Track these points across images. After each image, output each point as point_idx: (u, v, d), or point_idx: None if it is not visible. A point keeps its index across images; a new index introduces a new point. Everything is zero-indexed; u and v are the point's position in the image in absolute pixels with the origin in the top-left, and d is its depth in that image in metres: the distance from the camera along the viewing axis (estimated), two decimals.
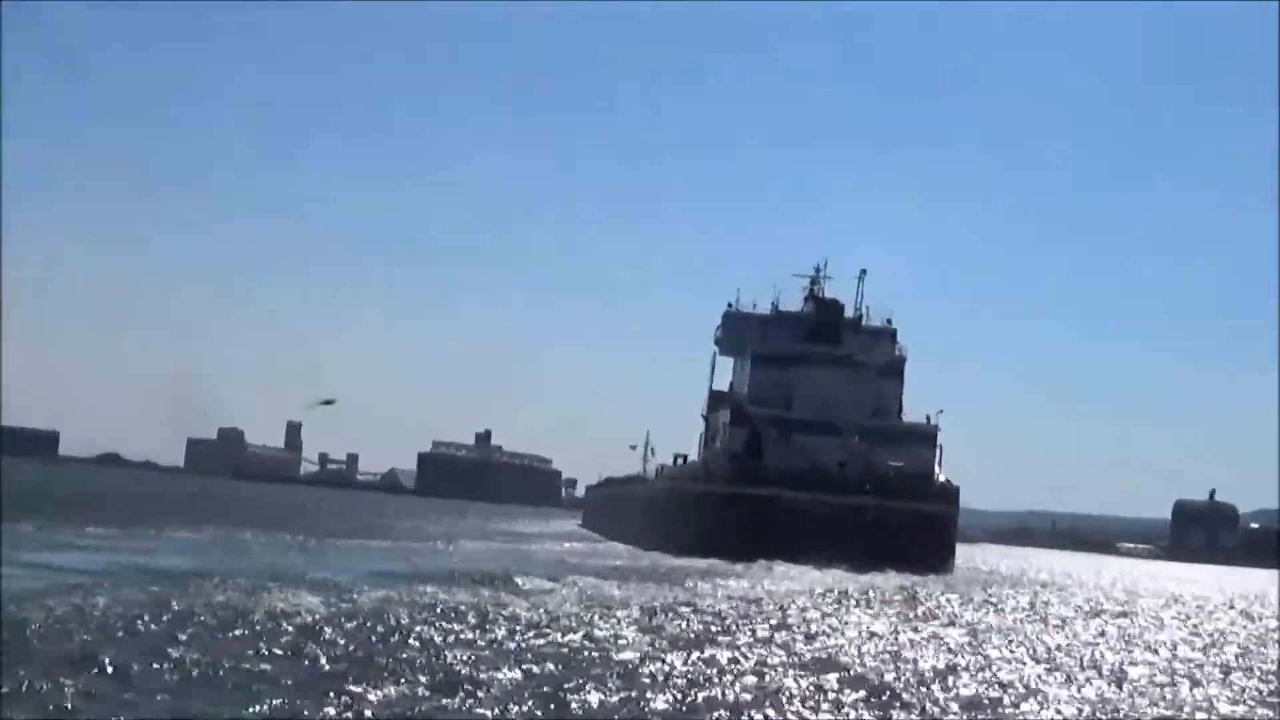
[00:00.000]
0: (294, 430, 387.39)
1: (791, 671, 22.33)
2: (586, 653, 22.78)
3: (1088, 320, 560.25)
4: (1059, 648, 31.02)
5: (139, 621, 21.91)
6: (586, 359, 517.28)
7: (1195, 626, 44.75)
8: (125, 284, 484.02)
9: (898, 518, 69.83)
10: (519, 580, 37.68)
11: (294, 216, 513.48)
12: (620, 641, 24.83)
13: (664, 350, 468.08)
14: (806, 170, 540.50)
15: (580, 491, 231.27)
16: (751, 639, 27.29)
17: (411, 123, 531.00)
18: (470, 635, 24.00)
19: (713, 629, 28.88)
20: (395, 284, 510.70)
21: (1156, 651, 32.57)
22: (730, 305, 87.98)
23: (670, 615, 31.10)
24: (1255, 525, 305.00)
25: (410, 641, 22.50)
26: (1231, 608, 62.03)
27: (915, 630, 32.41)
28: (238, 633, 22.03)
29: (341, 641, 21.76)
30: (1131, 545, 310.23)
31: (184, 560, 37.95)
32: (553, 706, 17.60)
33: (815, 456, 73.60)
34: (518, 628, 25.57)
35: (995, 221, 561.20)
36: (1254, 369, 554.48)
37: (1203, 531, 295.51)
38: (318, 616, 24.68)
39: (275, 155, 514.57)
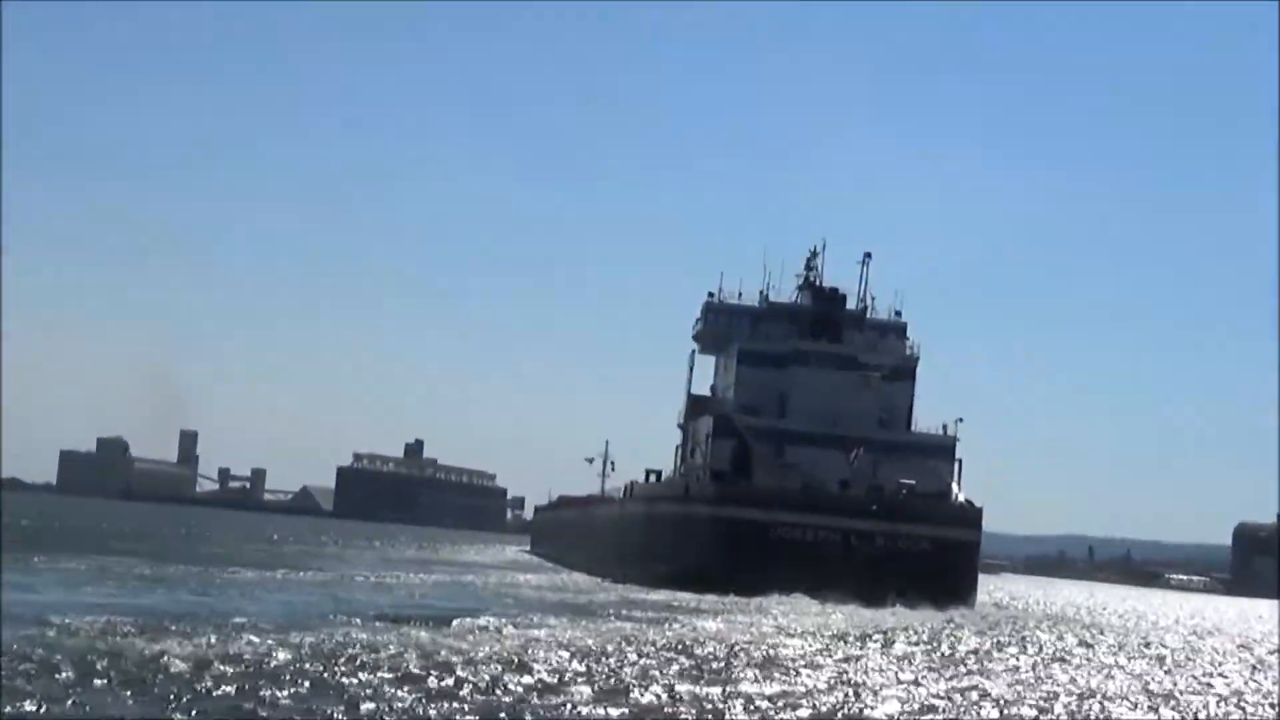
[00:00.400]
0: (188, 440, 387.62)
1: None
2: (544, 710, 23.30)
3: (1129, 316, 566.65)
4: (1107, 698, 31.90)
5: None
6: (537, 358, 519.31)
7: (1257, 676, 45.54)
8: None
9: (910, 545, 70.49)
10: (467, 620, 38.18)
11: (202, 205, 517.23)
12: (584, 694, 25.38)
13: (629, 348, 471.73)
14: (802, 141, 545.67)
15: (530, 513, 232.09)
16: (742, 691, 27.85)
17: (351, 114, 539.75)
18: (409, 689, 24.12)
19: (697, 677, 29.44)
20: (311, 275, 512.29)
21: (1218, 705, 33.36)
22: (712, 295, 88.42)
23: (646, 662, 31.71)
24: None
25: (334, 696, 22.57)
26: None
27: (940, 680, 33.14)
28: (103, 683, 22.05)
29: (256, 692, 21.92)
30: (1185, 577, 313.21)
31: (61, 595, 38.01)
32: None
33: (813, 473, 74.56)
34: (468, 676, 26.00)
35: (1021, 202, 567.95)
36: None
37: (1272, 561, 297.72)
38: (224, 665, 24.70)
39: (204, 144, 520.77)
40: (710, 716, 24.51)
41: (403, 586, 59.58)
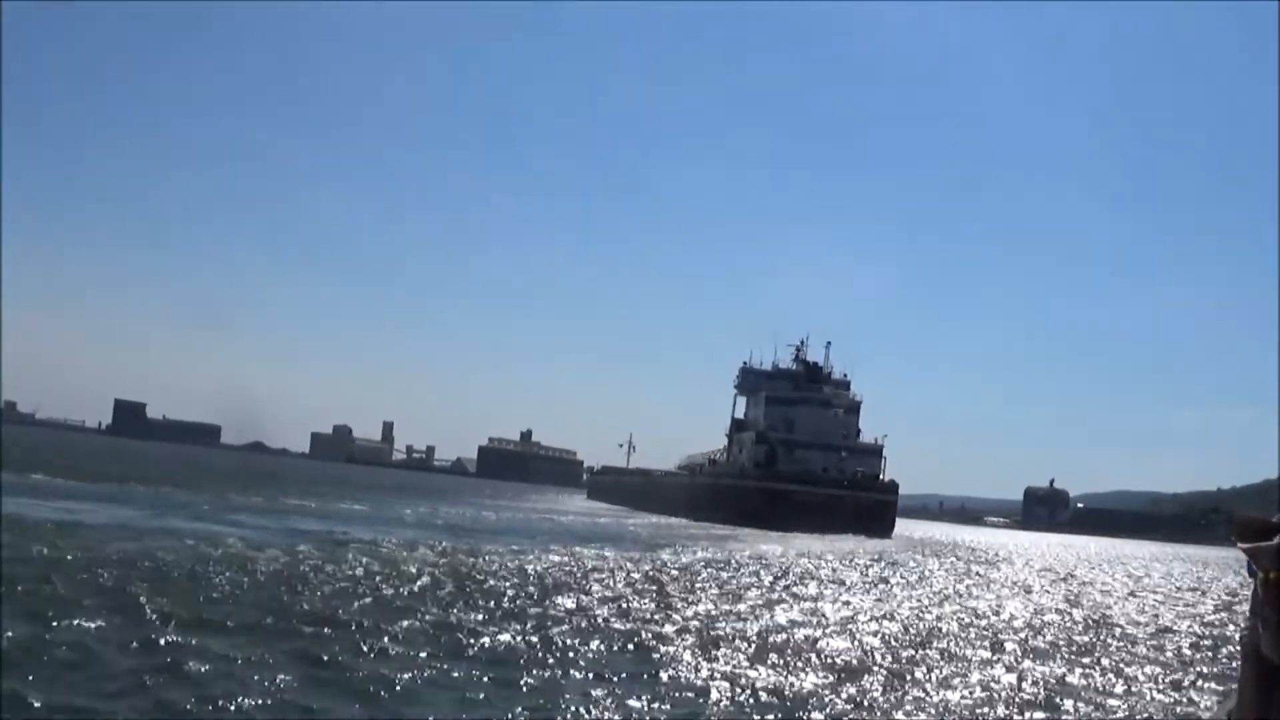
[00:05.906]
0: (388, 427, 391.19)
1: (860, 576, 27.87)
2: (733, 583, 25.37)
3: (963, 363, 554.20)
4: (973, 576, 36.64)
5: (333, 574, 20.02)
6: (598, 384, 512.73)
7: (1053, 570, 48.18)
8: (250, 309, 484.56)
9: (862, 503, 76.01)
10: (674, 547, 39.33)
11: (392, 262, 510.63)
12: (730, 574, 28.05)
13: (654, 377, 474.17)
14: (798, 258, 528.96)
15: None
16: (800, 583, 28.33)
17: (488, 201, 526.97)
18: (654, 581, 24.02)
19: (794, 574, 31.48)
20: (468, 318, 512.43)
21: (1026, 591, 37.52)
22: (745, 363, 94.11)
23: (753, 565, 33.24)
24: (1081, 505, 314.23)
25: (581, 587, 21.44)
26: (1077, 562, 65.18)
27: (895, 566, 38.19)
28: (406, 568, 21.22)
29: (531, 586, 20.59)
30: (994, 519, 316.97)
31: (366, 530, 33.66)
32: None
33: (810, 464, 79.83)
34: (682, 576, 27.01)
35: (909, 311, 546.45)
36: (1095, 383, 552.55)
37: (1045, 510, 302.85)
38: (507, 567, 23.62)
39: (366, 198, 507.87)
40: (798, 582, 27.37)
41: (568, 524, 53.47)
